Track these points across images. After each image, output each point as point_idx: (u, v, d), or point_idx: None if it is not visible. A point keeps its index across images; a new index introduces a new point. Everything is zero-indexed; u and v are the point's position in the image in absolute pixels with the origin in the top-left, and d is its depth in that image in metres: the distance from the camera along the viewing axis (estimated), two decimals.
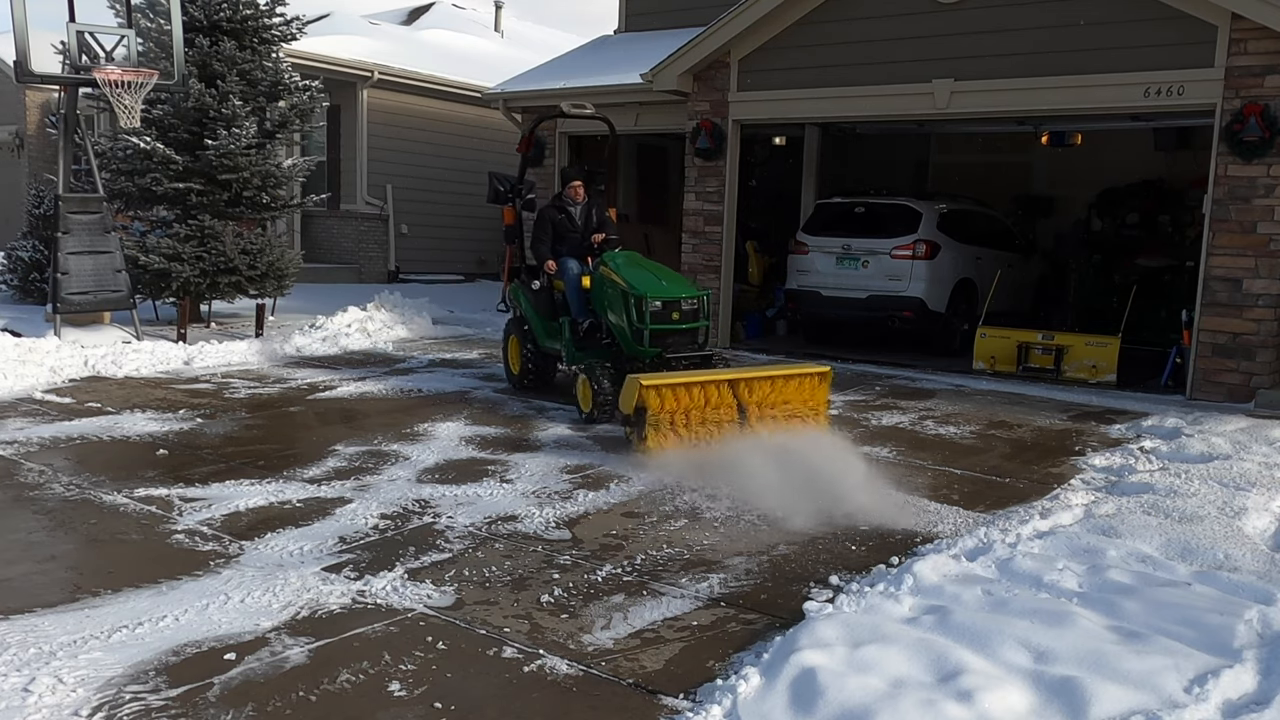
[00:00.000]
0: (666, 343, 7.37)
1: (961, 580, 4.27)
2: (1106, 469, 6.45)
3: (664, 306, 7.35)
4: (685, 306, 7.43)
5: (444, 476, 5.99)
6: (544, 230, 8.42)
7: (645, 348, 7.33)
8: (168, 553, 4.64)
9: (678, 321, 7.40)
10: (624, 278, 7.51)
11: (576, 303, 8.15)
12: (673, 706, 3.34)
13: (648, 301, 7.28)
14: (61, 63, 9.99)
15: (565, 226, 8.45)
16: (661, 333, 7.35)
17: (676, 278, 7.78)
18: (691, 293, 7.51)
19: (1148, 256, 13.21)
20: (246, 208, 11.95)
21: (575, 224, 8.49)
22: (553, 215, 8.48)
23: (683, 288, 7.55)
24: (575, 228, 8.48)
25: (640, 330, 7.32)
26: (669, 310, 7.36)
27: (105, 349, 9.42)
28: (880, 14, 10.58)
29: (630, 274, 7.55)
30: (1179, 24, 8.98)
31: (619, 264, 7.73)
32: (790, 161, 14.16)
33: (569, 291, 8.23)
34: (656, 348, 7.34)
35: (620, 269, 7.65)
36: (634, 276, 7.52)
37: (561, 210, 8.50)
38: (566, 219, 8.47)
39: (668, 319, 7.36)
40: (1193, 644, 3.68)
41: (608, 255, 7.95)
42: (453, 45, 21.24)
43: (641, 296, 7.31)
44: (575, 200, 8.52)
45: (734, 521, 5.26)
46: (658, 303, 7.32)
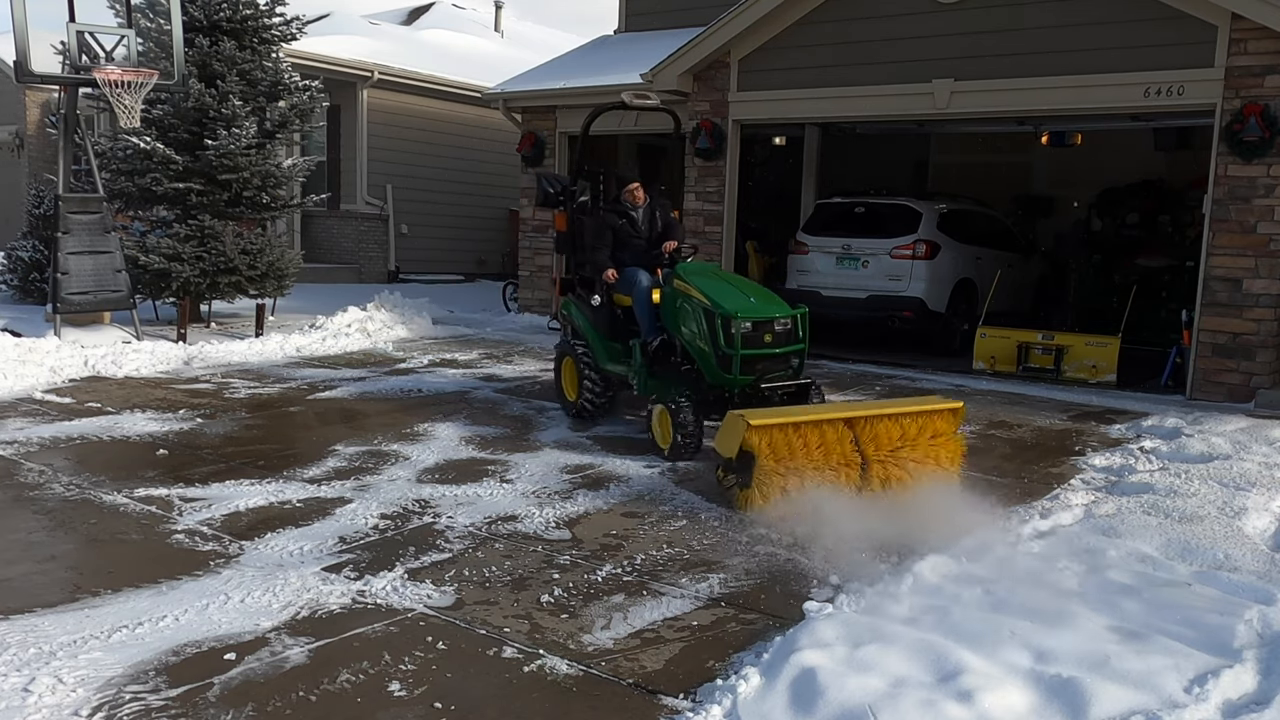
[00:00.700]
0: (757, 369, 6.40)
1: (961, 580, 4.27)
2: (1106, 469, 6.45)
3: (755, 328, 6.37)
4: (779, 328, 6.46)
5: (444, 476, 5.99)
6: (603, 237, 7.47)
7: (735, 376, 6.33)
8: (168, 553, 4.64)
9: (770, 345, 6.42)
10: (706, 294, 6.53)
11: (646, 320, 7.11)
12: (673, 706, 3.34)
13: (737, 322, 6.29)
14: (61, 63, 9.99)
15: (628, 233, 7.49)
16: (752, 358, 6.37)
17: (765, 293, 6.82)
18: (785, 311, 6.54)
19: (1148, 256, 13.21)
20: (246, 208, 11.95)
21: (639, 230, 7.53)
22: (613, 220, 7.52)
23: (775, 305, 6.59)
24: (639, 234, 7.52)
25: (728, 356, 6.31)
26: (761, 332, 6.39)
27: (105, 349, 9.42)
28: (880, 14, 10.58)
29: (713, 289, 6.59)
30: (1179, 24, 8.97)
31: (697, 277, 6.80)
32: (790, 161, 14.17)
33: (637, 308, 7.21)
34: (748, 376, 6.36)
35: (700, 283, 6.68)
36: (718, 292, 6.54)
37: (623, 215, 7.53)
38: (629, 224, 7.51)
39: (759, 343, 6.38)
40: (1193, 644, 3.68)
41: (682, 267, 7.00)
42: (453, 45, 21.24)
43: (730, 316, 6.31)
44: (635, 203, 7.55)
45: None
46: (748, 324, 6.34)
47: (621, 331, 7.42)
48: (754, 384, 6.38)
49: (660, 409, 6.52)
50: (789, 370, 6.55)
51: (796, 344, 6.53)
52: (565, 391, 7.80)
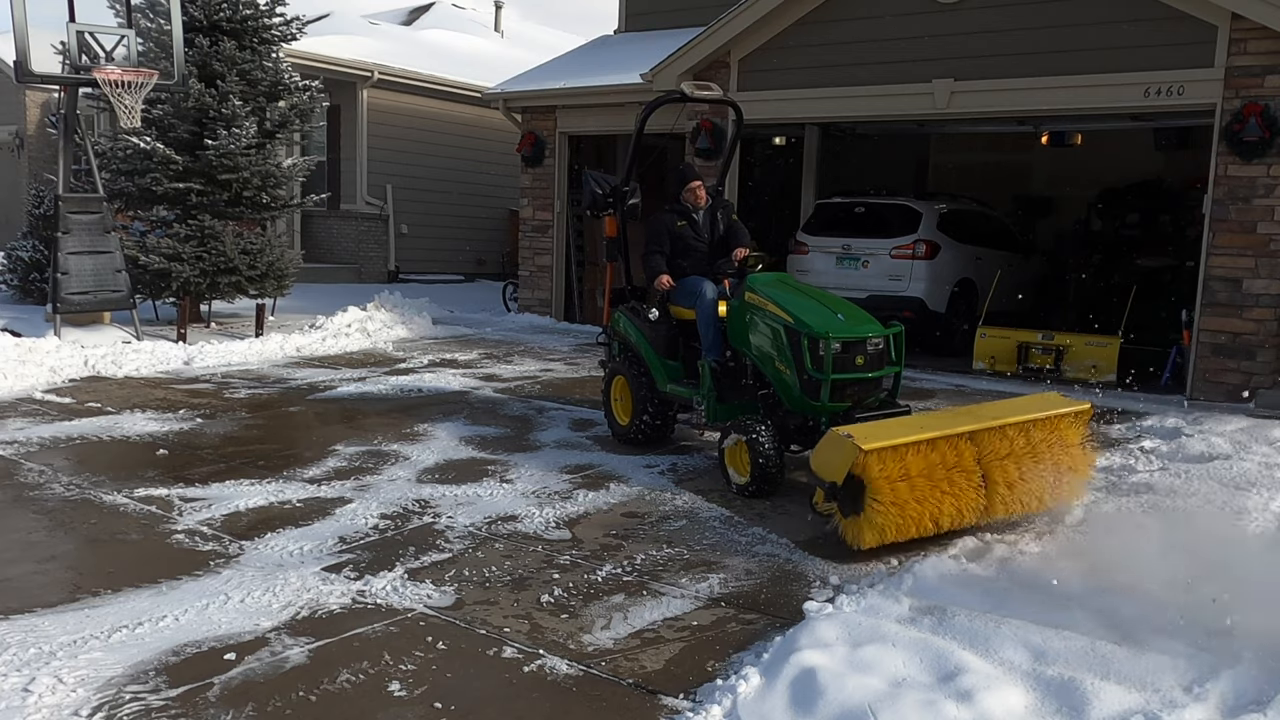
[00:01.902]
0: (848, 394, 5.69)
1: (961, 580, 4.27)
2: (1106, 469, 6.44)
3: (845, 349, 5.66)
4: (871, 348, 5.74)
5: (444, 476, 5.99)
6: (660, 241, 6.78)
7: (824, 403, 5.62)
8: (168, 553, 4.64)
9: (863, 368, 5.69)
10: (787, 309, 5.83)
11: (711, 337, 6.37)
12: (673, 706, 3.34)
13: (826, 343, 5.56)
14: (61, 63, 9.99)
15: (689, 237, 6.81)
16: (842, 383, 5.64)
17: (854, 310, 6.05)
18: (879, 330, 5.81)
19: (1148, 256, 13.21)
20: (246, 208, 11.95)
21: (701, 235, 6.84)
22: (671, 223, 6.81)
23: (867, 324, 5.84)
24: (701, 239, 6.84)
25: (816, 381, 5.59)
26: (852, 354, 5.67)
27: (105, 349, 9.42)
28: (880, 14, 10.58)
29: (795, 304, 5.87)
30: (1179, 24, 8.97)
31: (773, 289, 6.07)
32: (790, 161, 14.16)
33: (702, 323, 6.43)
34: (839, 403, 5.66)
35: (778, 296, 5.96)
36: (801, 308, 5.83)
37: (683, 217, 6.83)
38: (690, 228, 6.82)
39: (851, 365, 5.66)
40: (1193, 644, 3.68)
41: (754, 278, 6.26)
42: (453, 45, 21.25)
43: (818, 337, 5.59)
44: (697, 205, 6.86)
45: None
46: (838, 344, 5.61)
47: (679, 349, 6.71)
48: (846, 412, 5.67)
49: (738, 439, 5.77)
50: (883, 395, 5.88)
51: (891, 366, 5.85)
52: (616, 416, 7.00)
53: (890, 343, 5.84)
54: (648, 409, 6.72)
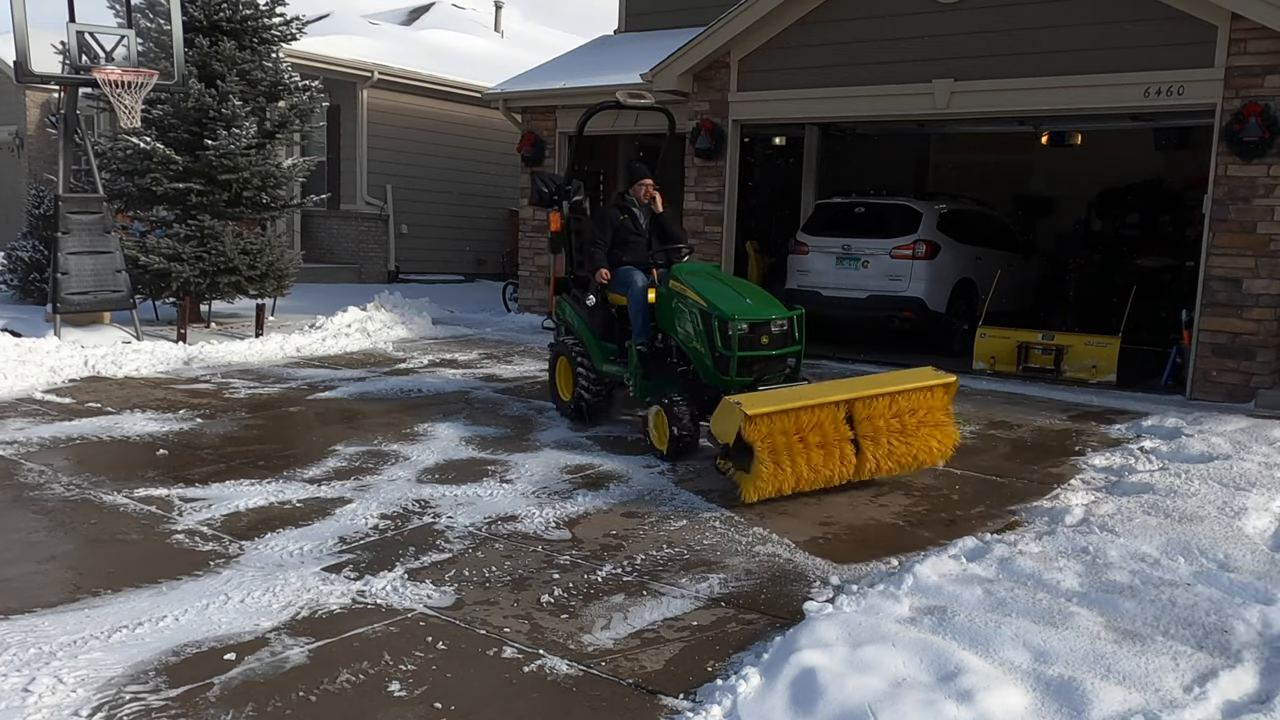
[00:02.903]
0: (754, 371, 6.36)
1: (961, 580, 4.27)
2: (1106, 469, 6.45)
3: (752, 330, 6.33)
4: (775, 329, 6.41)
5: (444, 476, 5.99)
6: (603, 233, 7.36)
7: (731, 378, 6.27)
8: (168, 553, 4.64)
9: (767, 347, 6.37)
10: (702, 294, 6.49)
11: (640, 321, 7.02)
12: (673, 706, 3.34)
13: (733, 324, 6.25)
14: (61, 63, 9.99)
15: (629, 230, 7.39)
16: (749, 360, 6.32)
17: (762, 295, 6.76)
18: (782, 313, 6.49)
19: (1148, 256, 13.21)
20: (246, 208, 11.95)
21: (640, 228, 7.43)
22: (614, 217, 7.41)
23: (772, 307, 6.54)
24: (640, 232, 7.42)
25: (726, 358, 6.28)
26: (757, 334, 6.34)
27: (105, 349, 9.43)
28: (880, 14, 10.58)
29: (710, 290, 6.54)
30: (1179, 24, 8.97)
31: (693, 278, 6.73)
32: (790, 161, 14.17)
33: (632, 308, 7.10)
34: (745, 377, 6.30)
35: (696, 284, 6.62)
36: (714, 293, 6.51)
37: (625, 211, 7.44)
38: (630, 222, 7.41)
39: (756, 344, 6.33)
40: (1193, 644, 3.68)
41: (679, 267, 6.94)
42: (453, 45, 21.25)
43: (726, 318, 6.27)
44: (642, 201, 7.49)
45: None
46: (744, 325, 6.29)
47: (616, 332, 7.35)
48: (751, 385, 6.29)
49: (657, 410, 6.50)
50: (786, 371, 6.53)
51: (793, 345, 6.52)
52: (560, 392, 7.75)
53: (793, 324, 6.52)
54: (586, 386, 7.36)
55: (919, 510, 5.57)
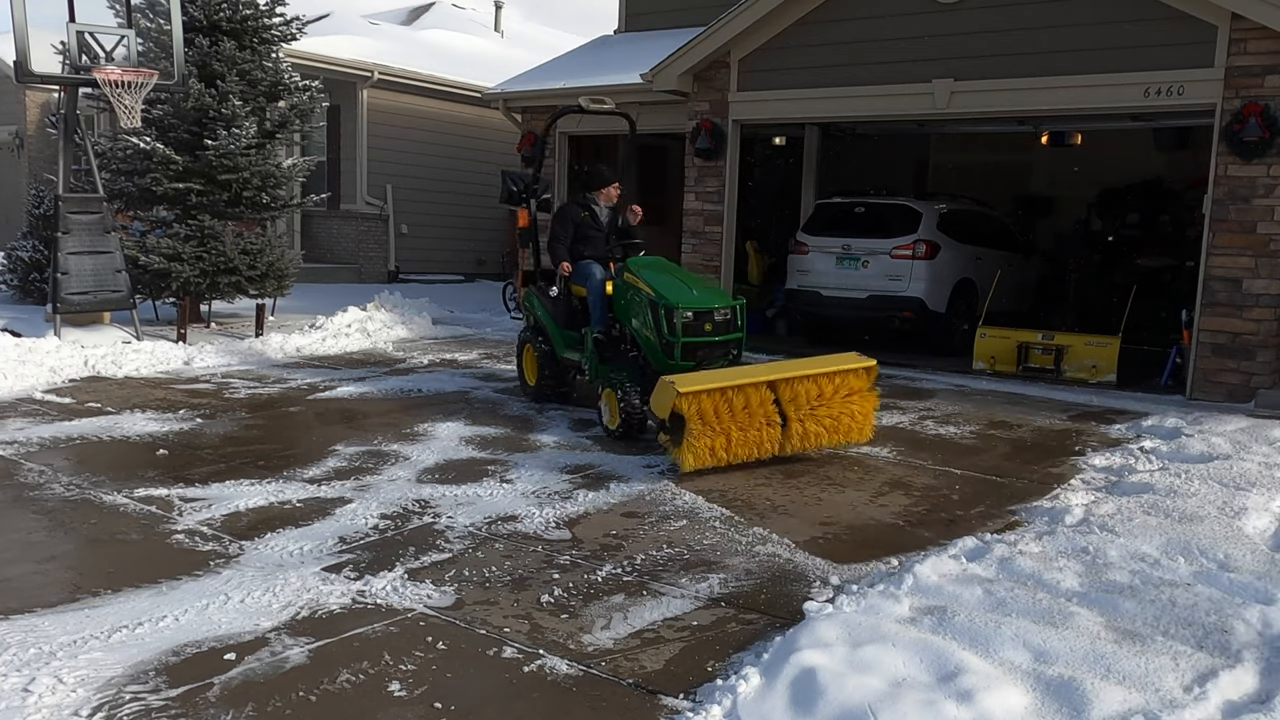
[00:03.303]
0: (698, 356, 6.86)
1: (961, 580, 4.27)
2: (1106, 469, 6.45)
3: (695, 317, 6.83)
4: (718, 317, 6.91)
5: (444, 476, 5.99)
6: (565, 229, 7.88)
7: (676, 362, 6.76)
8: (168, 553, 4.64)
9: (710, 334, 6.88)
10: (652, 285, 6.99)
11: (598, 311, 7.54)
12: (673, 706, 3.34)
13: (678, 312, 6.76)
14: (61, 63, 9.99)
15: (589, 226, 7.94)
16: (693, 346, 6.83)
17: (708, 286, 7.34)
18: (725, 302, 7.01)
19: (1148, 256, 13.21)
20: (246, 208, 11.95)
21: (600, 225, 7.98)
22: (575, 214, 7.95)
23: (716, 297, 7.05)
24: (600, 228, 7.98)
25: (670, 343, 6.79)
26: (701, 321, 6.84)
27: (105, 349, 9.42)
28: (880, 14, 10.58)
29: (658, 281, 7.03)
30: (1179, 24, 8.98)
31: (645, 270, 7.21)
32: (790, 161, 14.17)
33: (591, 299, 7.61)
34: (689, 362, 6.79)
35: (647, 276, 7.12)
36: (662, 284, 6.99)
37: (585, 208, 8.01)
38: (590, 218, 7.97)
39: (700, 331, 6.84)
40: (1193, 644, 3.68)
41: (633, 261, 7.44)
42: (453, 45, 21.25)
43: (672, 307, 6.78)
44: (605, 203, 8.07)
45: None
46: (689, 313, 6.79)
47: (578, 321, 7.82)
48: (695, 369, 6.69)
49: (608, 392, 7.02)
50: (729, 357, 7.01)
51: (735, 333, 7.03)
52: (526, 377, 8.42)
53: (736, 313, 7.04)
54: (549, 371, 8.06)
55: (919, 510, 5.58)
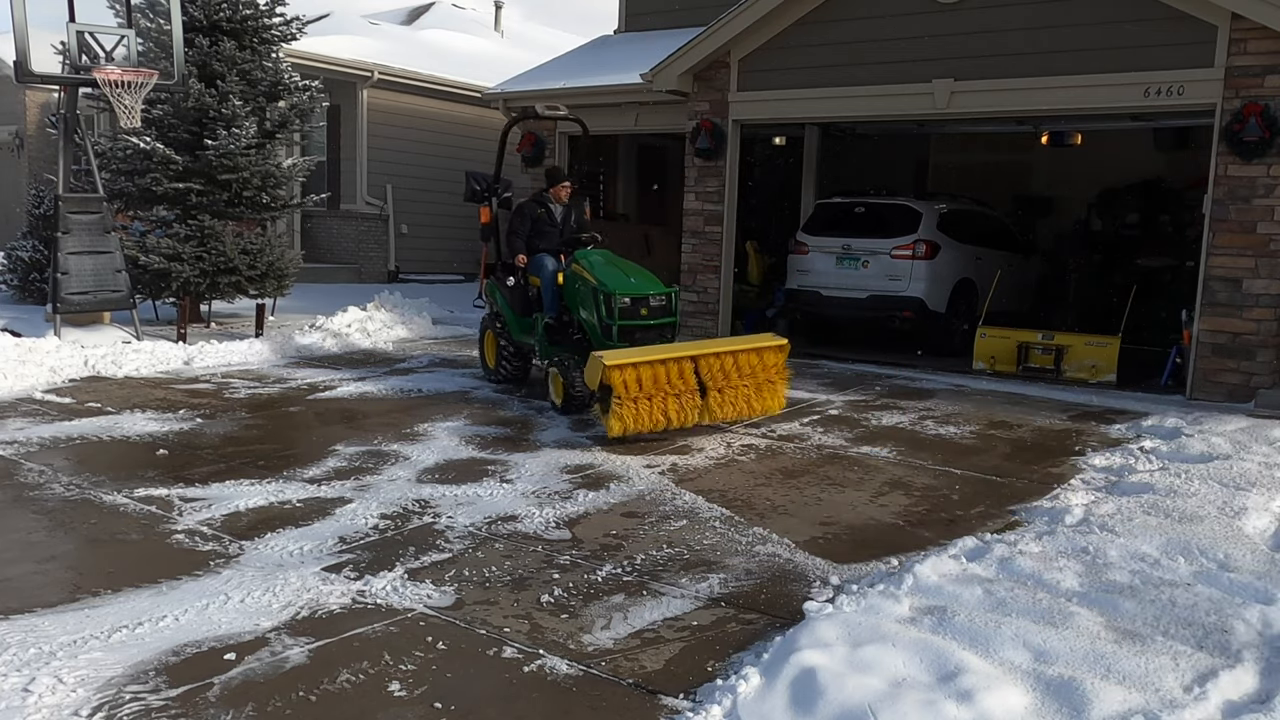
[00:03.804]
0: (635, 338, 7.50)
1: (961, 580, 4.27)
2: (1106, 469, 6.45)
3: (633, 303, 7.56)
4: (654, 303, 7.65)
5: (444, 476, 5.99)
6: (522, 225, 8.61)
7: (614, 343, 7.41)
8: (168, 553, 4.64)
9: (646, 317, 7.59)
10: (595, 274, 7.70)
11: (550, 298, 8.23)
12: (673, 706, 3.34)
13: (616, 298, 7.48)
14: (61, 63, 9.98)
15: (544, 222, 8.66)
16: (630, 328, 7.52)
17: (646, 275, 7.95)
18: (660, 289, 7.72)
19: (1148, 256, 13.21)
20: (246, 208, 11.95)
21: (554, 221, 8.71)
22: (532, 210, 8.66)
23: (652, 285, 7.75)
24: (554, 224, 8.70)
25: (609, 326, 7.50)
26: (637, 306, 7.56)
27: (105, 349, 9.42)
28: (880, 14, 10.58)
29: (601, 271, 7.75)
30: (1179, 24, 8.97)
31: (591, 261, 7.91)
32: (790, 161, 14.17)
33: (544, 288, 8.31)
34: (625, 343, 7.37)
35: (592, 266, 7.83)
36: (604, 273, 7.72)
37: (541, 205, 8.70)
38: (546, 215, 8.68)
39: (636, 315, 7.55)
40: (1193, 644, 3.68)
41: (580, 253, 8.09)
42: (453, 45, 21.24)
43: (611, 293, 7.50)
44: (559, 200, 8.77)
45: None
46: (626, 299, 7.52)
47: (533, 309, 8.49)
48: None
49: (554, 372, 7.69)
50: (663, 339, 7.65)
51: (669, 317, 7.75)
52: (486, 360, 9.15)
53: (671, 299, 7.76)
54: (507, 354, 8.77)
55: (919, 510, 5.58)
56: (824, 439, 7.21)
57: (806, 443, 7.08)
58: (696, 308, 12.07)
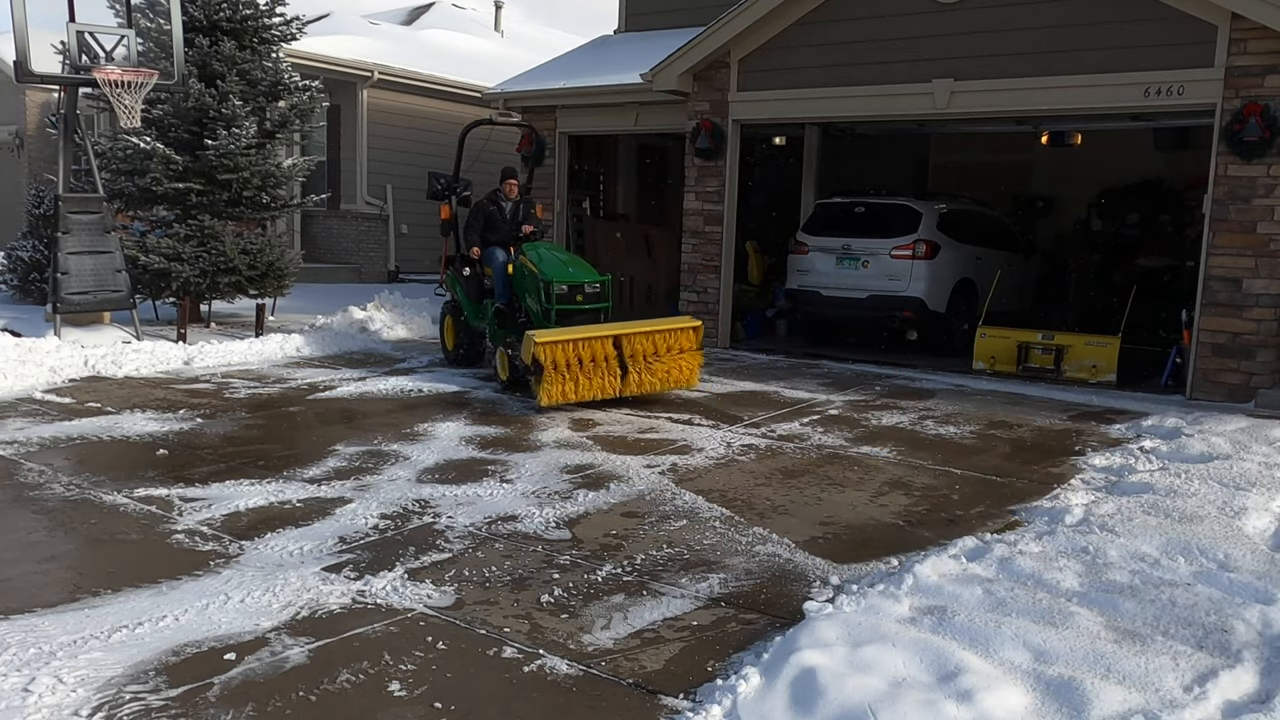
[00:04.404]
0: (572, 320, 8.35)
1: (961, 580, 4.27)
2: (1106, 469, 6.45)
3: (569, 290, 8.49)
4: (588, 290, 8.58)
5: (444, 476, 5.99)
6: (477, 220, 9.54)
7: (554, 325, 8.24)
8: (168, 553, 4.64)
9: (581, 303, 8.52)
10: (537, 265, 8.62)
11: (500, 287, 9.17)
12: (673, 706, 3.34)
13: (555, 285, 8.41)
14: (61, 63, 9.98)
15: (496, 218, 9.53)
16: (567, 312, 8.42)
17: (584, 266, 8.87)
18: (595, 278, 8.68)
19: (1148, 256, 13.21)
20: (246, 208, 11.95)
21: (505, 217, 9.58)
22: (486, 208, 9.58)
23: (587, 274, 8.70)
24: (505, 220, 9.56)
25: (549, 310, 8.42)
26: (573, 293, 8.50)
27: (105, 349, 9.42)
28: (880, 14, 10.58)
29: (544, 262, 8.67)
30: (1179, 24, 8.98)
31: (536, 253, 8.83)
32: (790, 161, 14.16)
33: (495, 277, 9.26)
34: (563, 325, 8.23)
35: (535, 257, 8.75)
36: (546, 264, 8.64)
37: (494, 203, 9.60)
38: (498, 211, 9.57)
39: (572, 300, 8.48)
40: (1193, 644, 3.68)
41: (528, 246, 9.00)
42: (453, 45, 21.24)
43: (550, 281, 8.42)
44: (508, 196, 9.66)
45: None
46: (564, 286, 8.46)
47: (485, 297, 9.42)
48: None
49: (500, 351, 8.58)
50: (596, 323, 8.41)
51: (603, 303, 8.65)
52: (445, 343, 10.11)
53: (605, 287, 8.68)
54: (463, 337, 9.78)
55: (919, 510, 5.58)
56: (824, 439, 7.21)
57: (806, 443, 7.08)
58: (696, 308, 12.07)
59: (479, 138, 11.46)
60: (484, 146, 12.76)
